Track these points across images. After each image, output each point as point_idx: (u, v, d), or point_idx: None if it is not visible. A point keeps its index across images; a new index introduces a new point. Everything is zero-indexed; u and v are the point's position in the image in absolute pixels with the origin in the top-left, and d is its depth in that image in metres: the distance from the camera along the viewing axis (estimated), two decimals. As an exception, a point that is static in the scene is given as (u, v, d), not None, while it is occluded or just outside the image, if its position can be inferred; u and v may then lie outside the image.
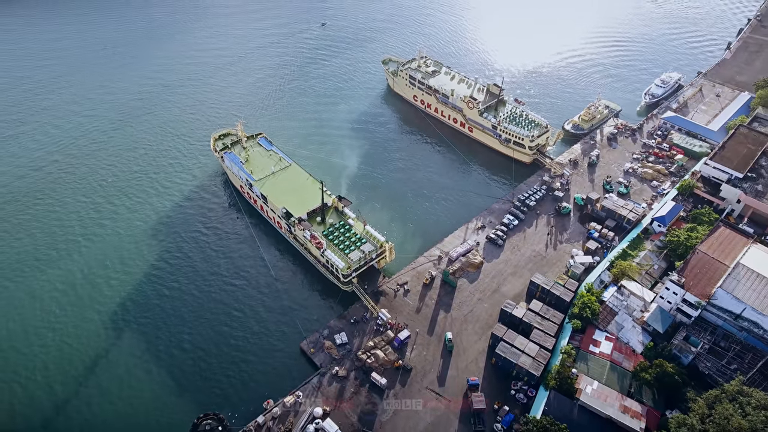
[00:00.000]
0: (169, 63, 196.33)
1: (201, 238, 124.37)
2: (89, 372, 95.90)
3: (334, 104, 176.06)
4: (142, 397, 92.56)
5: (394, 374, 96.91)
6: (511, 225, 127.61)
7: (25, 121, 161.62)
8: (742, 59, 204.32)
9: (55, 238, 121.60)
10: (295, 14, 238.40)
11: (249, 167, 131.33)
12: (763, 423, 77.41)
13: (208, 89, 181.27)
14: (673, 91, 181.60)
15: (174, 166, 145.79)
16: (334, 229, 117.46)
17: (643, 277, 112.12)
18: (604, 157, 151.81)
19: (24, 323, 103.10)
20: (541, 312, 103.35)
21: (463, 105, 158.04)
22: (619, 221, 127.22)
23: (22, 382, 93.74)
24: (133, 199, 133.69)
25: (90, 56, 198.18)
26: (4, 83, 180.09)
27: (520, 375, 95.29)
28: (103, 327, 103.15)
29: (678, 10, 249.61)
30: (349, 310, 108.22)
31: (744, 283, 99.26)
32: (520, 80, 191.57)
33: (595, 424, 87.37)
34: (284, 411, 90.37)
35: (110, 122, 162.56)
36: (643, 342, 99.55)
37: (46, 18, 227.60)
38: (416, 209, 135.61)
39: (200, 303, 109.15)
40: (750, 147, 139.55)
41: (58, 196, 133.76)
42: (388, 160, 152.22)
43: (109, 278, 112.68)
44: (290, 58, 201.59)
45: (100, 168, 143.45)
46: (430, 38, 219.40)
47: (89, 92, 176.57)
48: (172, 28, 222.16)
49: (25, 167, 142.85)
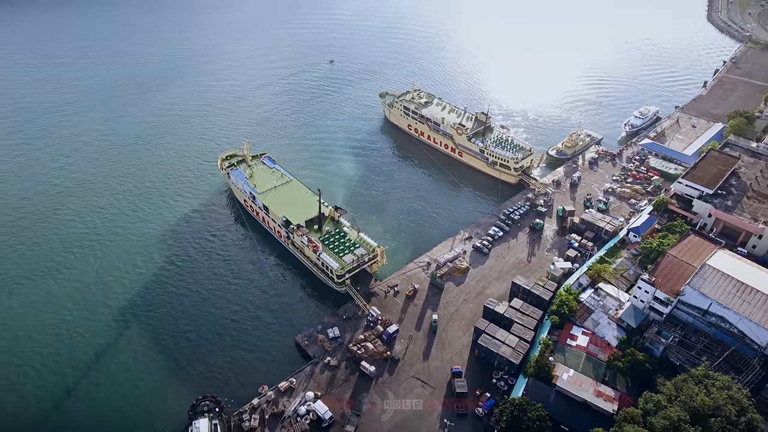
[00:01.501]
0: (184, 95, 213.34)
1: (206, 244, 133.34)
2: (98, 358, 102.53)
3: (335, 132, 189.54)
4: (147, 381, 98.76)
5: (382, 364, 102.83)
6: (497, 236, 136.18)
7: (48, 138, 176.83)
8: (717, 95, 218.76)
9: (71, 243, 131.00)
10: (307, 52, 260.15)
11: (253, 182, 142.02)
12: (725, 401, 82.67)
13: (218, 117, 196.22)
14: (652, 123, 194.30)
15: (184, 183, 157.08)
16: (330, 236, 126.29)
17: (618, 280, 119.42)
18: (586, 178, 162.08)
19: (39, 315, 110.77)
20: (522, 309, 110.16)
21: (452, 131, 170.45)
22: (598, 233, 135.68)
23: (36, 367, 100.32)
24: (146, 210, 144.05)
25: (113, 88, 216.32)
26: (35, 109, 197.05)
27: (501, 365, 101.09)
28: (113, 320, 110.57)
29: (656, 53, 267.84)
30: (341, 308, 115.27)
31: (710, 281, 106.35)
32: (507, 110, 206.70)
33: (570, 407, 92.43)
34: (278, 395, 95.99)
35: (126, 144, 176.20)
36: (617, 337, 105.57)
37: (76, 58, 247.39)
38: (408, 223, 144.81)
39: (204, 299, 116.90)
40: (720, 168, 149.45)
41: (74, 206, 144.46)
42: (383, 181, 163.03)
43: (120, 278, 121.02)
44: (298, 91, 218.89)
45: (116, 183, 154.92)
46: (424, 73, 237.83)
47: (109, 118, 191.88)
48: (189, 65, 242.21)
49: (45, 182, 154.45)
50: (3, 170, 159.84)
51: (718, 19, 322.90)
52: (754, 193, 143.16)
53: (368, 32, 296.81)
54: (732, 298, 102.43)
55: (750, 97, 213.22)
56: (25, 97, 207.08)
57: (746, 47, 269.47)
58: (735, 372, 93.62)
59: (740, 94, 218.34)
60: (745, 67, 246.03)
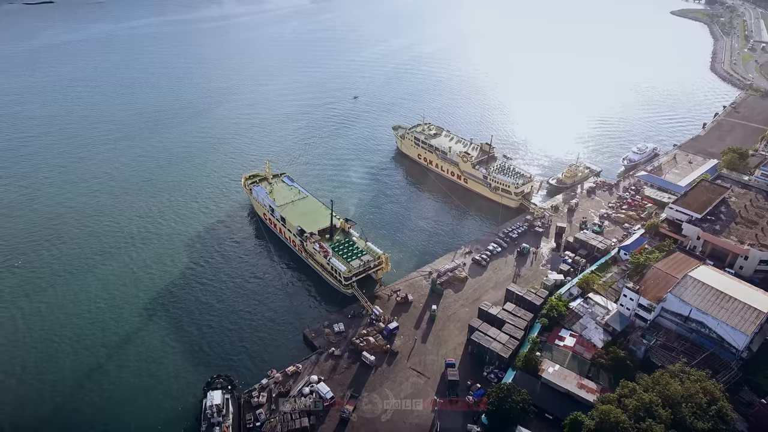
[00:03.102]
0: (214, 124, 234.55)
1: (228, 250, 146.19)
2: (127, 340, 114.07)
3: (350, 159, 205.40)
4: (170, 360, 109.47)
5: (382, 357, 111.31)
6: (495, 251, 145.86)
7: (94, 158, 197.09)
8: (715, 136, 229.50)
9: (109, 244, 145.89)
10: (332, 89, 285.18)
11: (272, 196, 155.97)
12: (697, 390, 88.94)
13: (243, 143, 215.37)
14: (649, 159, 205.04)
15: (210, 198, 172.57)
16: (339, 244, 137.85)
17: (607, 291, 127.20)
18: (583, 204, 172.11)
19: (77, 303, 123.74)
20: (514, 311, 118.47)
21: (458, 159, 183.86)
22: (590, 251, 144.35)
23: (73, 345, 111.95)
24: (175, 220, 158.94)
25: (153, 117, 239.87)
26: (86, 134, 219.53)
27: (492, 359, 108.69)
28: (143, 309, 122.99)
29: (658, 97, 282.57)
30: (347, 308, 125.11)
31: (690, 290, 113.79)
32: (511, 143, 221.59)
33: (554, 397, 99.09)
34: (285, 378, 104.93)
35: (160, 164, 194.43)
36: (603, 339, 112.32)
37: (123, 91, 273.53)
38: (413, 238, 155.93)
39: (222, 295, 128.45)
40: (710, 196, 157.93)
41: (112, 215, 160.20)
42: (392, 201, 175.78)
43: (151, 275, 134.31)
44: (320, 122, 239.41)
45: (149, 196, 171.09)
46: (435, 109, 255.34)
47: (147, 142, 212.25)
48: (220, 100, 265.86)
49: (88, 194, 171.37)
50: (52, 183, 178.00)
51: (720, 69, 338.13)
52: (742, 219, 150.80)
53: (388, 73, 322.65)
54: (711, 305, 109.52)
55: (747, 138, 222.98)
56: (78, 123, 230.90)
57: (747, 94, 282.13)
58: (712, 373, 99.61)
59: (738, 134, 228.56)
60: (744, 112, 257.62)
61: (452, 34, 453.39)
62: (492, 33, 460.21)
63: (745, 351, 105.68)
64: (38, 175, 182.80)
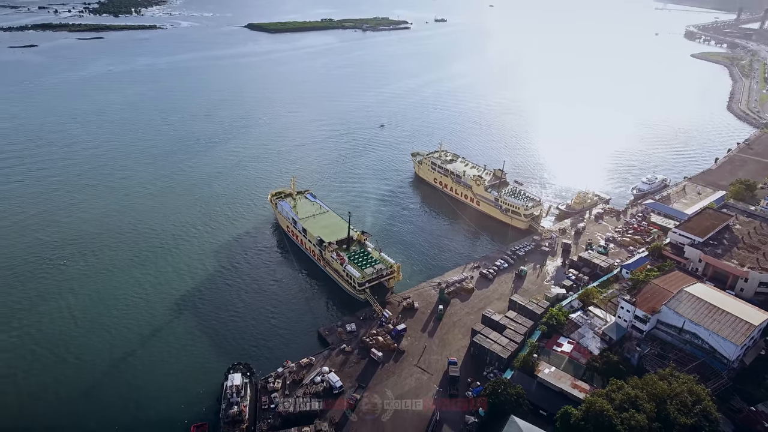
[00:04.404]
0: (244, 147, 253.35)
1: (253, 257, 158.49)
2: (157, 330, 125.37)
3: (370, 180, 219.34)
4: (196, 347, 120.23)
5: (389, 354, 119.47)
6: (502, 267, 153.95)
7: (133, 173, 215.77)
8: (726, 170, 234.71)
9: (148, 248, 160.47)
10: (359, 118, 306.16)
11: (295, 210, 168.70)
12: (683, 390, 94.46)
13: (271, 164, 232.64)
14: (659, 189, 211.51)
15: (239, 212, 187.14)
16: (355, 254, 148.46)
17: (607, 305, 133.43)
18: (589, 228, 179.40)
19: (117, 297, 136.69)
20: (515, 319, 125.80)
21: (472, 183, 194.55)
22: (594, 269, 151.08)
23: (111, 333, 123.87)
24: (207, 229, 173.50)
25: (190, 140, 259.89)
26: (133, 155, 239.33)
27: (492, 360, 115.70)
28: (174, 303, 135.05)
29: (672, 133, 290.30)
30: (360, 311, 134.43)
31: (684, 303, 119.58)
32: (523, 170, 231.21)
33: (549, 395, 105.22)
34: (299, 368, 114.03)
35: (194, 180, 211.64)
36: (599, 347, 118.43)
37: (165, 117, 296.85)
38: (425, 253, 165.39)
39: (245, 295, 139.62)
40: (713, 222, 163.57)
41: (152, 223, 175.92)
42: (407, 221, 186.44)
43: (183, 275, 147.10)
44: (344, 147, 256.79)
45: (185, 208, 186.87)
46: (453, 138, 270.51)
47: (184, 162, 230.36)
48: (251, 125, 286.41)
49: (129, 204, 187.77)
50: (98, 195, 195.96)
51: (737, 108, 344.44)
52: (744, 245, 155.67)
53: (412, 105, 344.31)
54: (703, 317, 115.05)
55: (759, 172, 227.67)
56: (123, 143, 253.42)
57: (762, 132, 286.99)
58: (703, 381, 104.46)
59: (749, 169, 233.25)
60: (757, 148, 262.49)
61: (475, 74, 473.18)
62: (518, 65, 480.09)
63: (737, 362, 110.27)
64: (86, 186, 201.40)
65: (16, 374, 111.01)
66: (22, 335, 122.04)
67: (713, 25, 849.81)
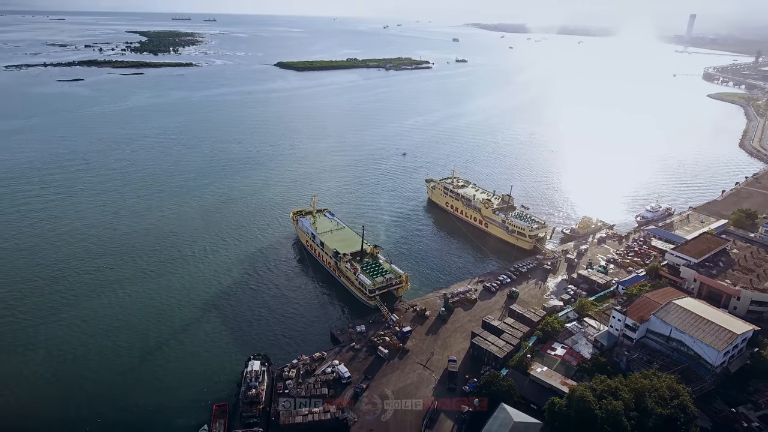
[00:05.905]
0: (270, 171, 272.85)
1: (274, 267, 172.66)
2: (186, 326, 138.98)
3: (385, 203, 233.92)
4: (219, 341, 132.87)
5: (395, 352, 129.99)
6: (505, 281, 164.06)
7: (168, 192, 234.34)
8: (732, 201, 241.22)
9: (179, 256, 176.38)
10: (380, 147, 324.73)
11: (314, 226, 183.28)
12: (662, 386, 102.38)
13: (294, 187, 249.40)
14: (662, 217, 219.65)
15: (264, 228, 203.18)
16: (367, 265, 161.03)
17: (601, 317, 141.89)
18: (592, 250, 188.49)
19: (151, 297, 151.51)
20: (513, 324, 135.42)
21: (481, 206, 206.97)
22: (592, 285, 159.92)
23: (146, 326, 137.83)
24: (234, 242, 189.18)
25: (219, 165, 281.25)
26: (164, 174, 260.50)
27: (489, 360, 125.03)
28: (202, 303, 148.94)
29: (681, 166, 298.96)
30: (369, 316, 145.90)
31: (672, 313, 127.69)
32: (531, 198, 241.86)
33: (540, 391, 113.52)
34: (311, 361, 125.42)
35: (223, 200, 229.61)
36: (591, 353, 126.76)
37: (195, 145, 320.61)
38: (433, 268, 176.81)
39: (266, 298, 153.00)
40: (710, 245, 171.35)
41: (185, 235, 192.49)
42: (419, 240, 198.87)
43: (210, 280, 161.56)
44: (364, 174, 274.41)
45: (214, 224, 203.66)
46: (466, 166, 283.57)
47: (213, 184, 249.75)
48: (280, 151, 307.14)
49: (163, 219, 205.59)
50: (136, 211, 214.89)
51: (749, 145, 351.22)
52: (740, 267, 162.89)
53: (430, 137, 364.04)
54: (689, 326, 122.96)
55: (764, 204, 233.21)
56: (160, 166, 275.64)
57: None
58: (687, 383, 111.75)
59: (755, 201, 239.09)
60: (765, 182, 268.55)
61: (490, 110, 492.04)
62: (535, 103, 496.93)
63: (719, 367, 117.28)
64: (127, 203, 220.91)
65: (65, 355, 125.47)
66: (71, 324, 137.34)
67: (731, 66, 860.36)
